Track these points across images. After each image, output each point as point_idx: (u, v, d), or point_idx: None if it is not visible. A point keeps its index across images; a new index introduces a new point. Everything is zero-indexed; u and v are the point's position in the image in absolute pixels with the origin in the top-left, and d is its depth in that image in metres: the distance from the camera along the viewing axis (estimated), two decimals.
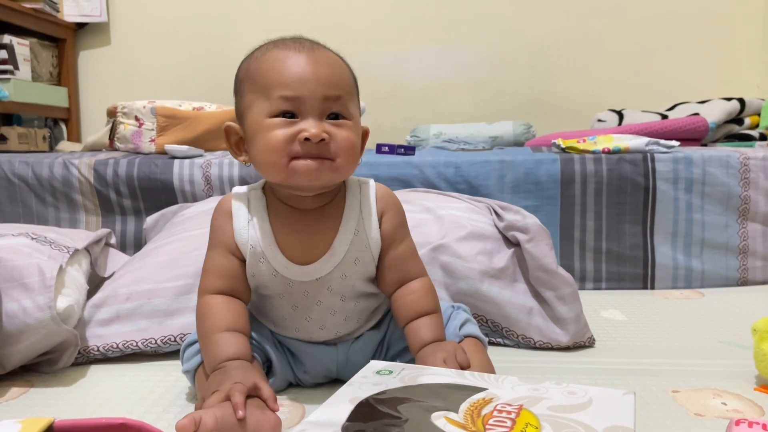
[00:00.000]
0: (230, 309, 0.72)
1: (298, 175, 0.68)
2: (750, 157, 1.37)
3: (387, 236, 0.77)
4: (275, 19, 2.48)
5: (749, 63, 2.36)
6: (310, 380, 0.80)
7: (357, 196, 0.77)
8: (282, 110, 0.68)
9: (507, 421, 0.51)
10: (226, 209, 0.75)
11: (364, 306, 0.79)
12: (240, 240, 0.74)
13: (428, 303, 0.76)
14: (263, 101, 0.69)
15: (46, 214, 1.49)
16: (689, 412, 0.72)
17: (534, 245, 0.99)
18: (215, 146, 1.70)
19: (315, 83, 0.68)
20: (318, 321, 0.77)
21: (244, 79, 0.73)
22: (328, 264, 0.74)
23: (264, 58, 0.71)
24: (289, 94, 0.67)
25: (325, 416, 0.53)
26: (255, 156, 0.71)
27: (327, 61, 0.70)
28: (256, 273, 0.74)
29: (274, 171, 0.69)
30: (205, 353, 0.71)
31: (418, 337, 0.74)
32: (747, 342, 0.85)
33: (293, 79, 0.68)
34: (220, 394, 0.62)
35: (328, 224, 0.74)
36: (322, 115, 0.69)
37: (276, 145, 0.67)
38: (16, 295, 0.81)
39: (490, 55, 2.44)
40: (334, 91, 0.69)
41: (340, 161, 0.69)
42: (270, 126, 0.68)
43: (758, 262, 1.37)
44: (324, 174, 0.68)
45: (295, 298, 0.75)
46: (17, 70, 2.14)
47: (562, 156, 1.39)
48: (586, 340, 0.97)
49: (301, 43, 0.71)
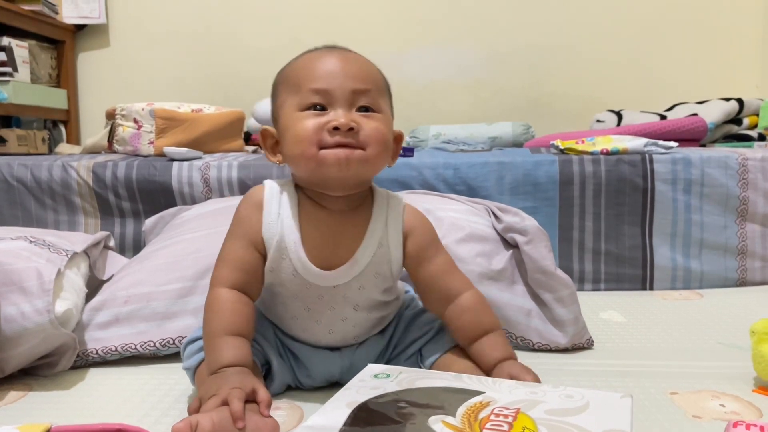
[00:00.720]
0: (238, 311, 0.71)
1: (327, 165, 0.68)
2: (748, 158, 1.37)
3: (412, 257, 0.77)
4: (275, 21, 2.48)
5: (748, 63, 2.36)
6: (311, 384, 0.80)
7: (384, 209, 0.77)
8: (312, 103, 0.70)
9: (504, 424, 0.51)
10: (256, 200, 0.75)
11: (376, 316, 0.79)
12: (268, 233, 0.73)
13: (486, 321, 0.76)
14: (294, 96, 0.71)
15: (45, 217, 1.49)
16: (687, 414, 0.72)
17: (532, 247, 0.99)
18: (214, 148, 1.70)
19: (343, 77, 0.70)
20: (327, 325, 0.77)
21: (279, 82, 0.75)
22: (348, 273, 0.74)
23: (297, 62, 0.74)
24: (319, 86, 0.69)
25: (322, 420, 0.53)
26: (286, 150, 0.72)
27: (356, 59, 0.73)
28: (275, 269, 0.74)
29: (303, 161, 0.70)
30: (207, 353, 0.70)
31: (488, 357, 0.73)
32: (745, 343, 0.85)
33: (322, 74, 0.70)
34: (218, 398, 0.62)
35: (353, 232, 0.74)
36: (351, 107, 0.70)
37: (305, 134, 0.68)
38: (15, 299, 0.81)
39: (489, 56, 2.45)
40: (362, 85, 0.70)
41: (370, 151, 0.69)
42: (300, 117, 0.70)
43: (757, 263, 1.37)
44: (353, 163, 0.68)
45: (309, 300, 0.75)
46: (16, 72, 2.14)
47: (561, 157, 1.39)
48: (585, 342, 0.97)
49: (333, 47, 0.74)
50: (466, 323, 0.76)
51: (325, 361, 0.78)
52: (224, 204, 1.24)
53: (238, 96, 2.34)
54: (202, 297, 0.95)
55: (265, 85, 2.64)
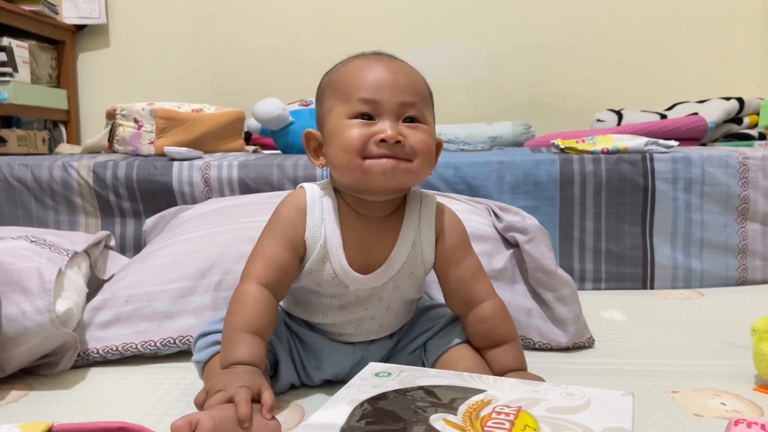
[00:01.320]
0: (263, 310, 0.71)
1: (372, 175, 0.69)
2: (749, 157, 1.37)
3: (443, 256, 0.78)
4: (275, 21, 2.48)
5: (748, 62, 2.36)
6: (320, 377, 0.80)
7: (417, 209, 0.78)
8: (360, 112, 0.70)
9: (505, 422, 0.51)
10: (299, 204, 0.75)
11: (402, 314, 0.81)
12: (311, 237, 0.74)
13: (504, 331, 0.77)
14: (343, 104, 0.71)
15: (46, 217, 1.49)
16: (688, 413, 0.72)
17: (533, 246, 0.99)
18: (214, 148, 1.70)
19: (392, 89, 0.70)
20: (356, 322, 0.78)
21: (326, 87, 0.75)
22: (384, 275, 0.75)
23: (345, 68, 0.74)
24: (368, 96, 0.70)
25: (324, 419, 0.53)
26: (331, 156, 0.72)
27: (404, 70, 0.73)
28: (315, 271, 0.75)
29: (348, 170, 0.70)
30: (223, 344, 0.71)
31: (498, 366, 0.76)
32: (746, 342, 0.85)
33: (371, 84, 0.71)
34: (225, 394, 0.62)
35: (387, 234, 0.76)
36: (398, 118, 0.71)
37: (352, 143, 0.69)
38: (16, 298, 0.81)
39: (489, 56, 2.44)
40: (409, 98, 0.71)
41: (416, 162, 0.70)
42: (348, 126, 0.70)
43: (757, 262, 1.37)
44: (398, 175, 0.70)
45: (345, 299, 0.76)
46: (16, 72, 2.14)
47: (561, 156, 1.39)
48: (586, 341, 0.97)
49: (380, 55, 0.74)
50: (484, 330, 0.77)
51: (339, 355, 0.79)
52: (225, 204, 1.24)
53: (239, 96, 2.34)
54: (203, 297, 0.96)
55: (265, 85, 2.66)
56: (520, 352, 0.78)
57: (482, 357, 0.77)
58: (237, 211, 1.16)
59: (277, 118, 1.66)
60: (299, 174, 1.41)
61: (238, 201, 1.25)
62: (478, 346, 0.78)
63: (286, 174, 1.41)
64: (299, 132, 1.69)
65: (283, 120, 1.67)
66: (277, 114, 1.65)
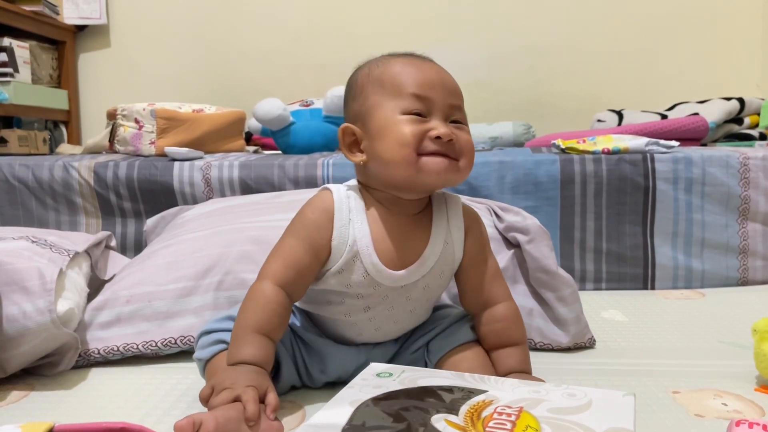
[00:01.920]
0: (276, 312, 0.71)
1: (426, 172, 0.70)
2: (750, 157, 1.37)
3: (469, 255, 0.79)
4: (276, 22, 2.48)
5: (749, 62, 2.36)
6: (324, 379, 0.80)
7: (443, 209, 0.78)
8: (413, 108, 0.71)
9: (507, 423, 0.51)
10: (326, 207, 0.75)
11: (419, 320, 0.81)
12: (339, 240, 0.73)
13: (516, 334, 0.78)
14: (394, 99, 0.72)
15: (47, 217, 1.49)
16: (689, 413, 0.72)
17: (534, 246, 0.99)
18: (215, 148, 1.70)
19: (443, 89, 0.73)
20: (377, 323, 0.77)
21: (367, 83, 0.75)
22: (418, 272, 0.75)
23: (390, 65, 0.74)
24: (422, 93, 0.71)
25: (325, 419, 0.53)
26: (381, 152, 0.71)
27: (447, 73, 0.76)
28: (345, 270, 0.74)
29: (403, 165, 0.70)
30: (232, 341, 0.71)
31: (505, 366, 0.76)
32: (747, 342, 0.85)
33: (425, 81, 0.72)
34: (232, 393, 0.62)
35: (419, 231, 0.76)
36: (447, 119, 0.73)
37: (408, 139, 0.69)
38: (17, 298, 0.81)
39: (490, 56, 2.44)
40: (456, 100, 0.74)
41: (464, 162, 0.72)
42: (401, 121, 0.70)
43: (758, 262, 1.37)
44: (450, 173, 0.71)
45: (373, 300, 0.75)
46: (17, 72, 2.15)
47: (562, 157, 1.39)
48: (587, 341, 0.97)
49: (420, 57, 0.76)
50: (497, 330, 0.78)
51: (344, 357, 0.79)
52: (225, 204, 1.24)
53: (239, 96, 2.34)
54: (204, 297, 0.96)
55: (266, 85, 2.65)
56: (526, 356, 0.78)
57: (488, 357, 0.78)
58: (238, 211, 1.16)
59: (278, 118, 1.66)
60: (300, 174, 1.41)
61: (238, 201, 1.25)
62: (487, 346, 0.78)
63: (287, 174, 1.41)
64: (300, 132, 1.70)
65: (283, 120, 1.67)
66: (278, 114, 1.65)
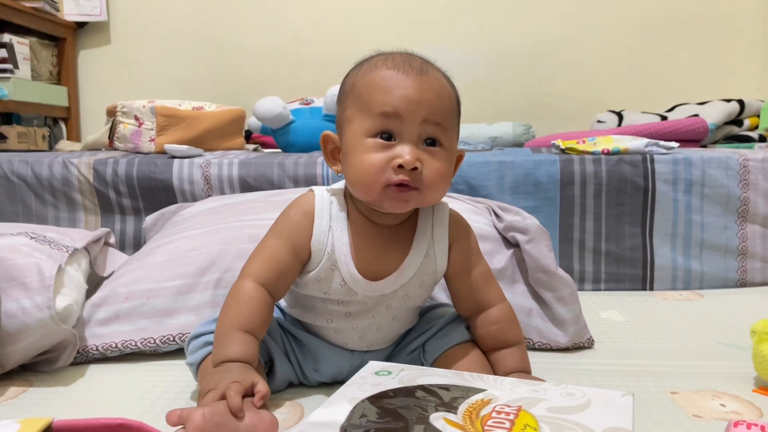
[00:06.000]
0: (258, 309, 0.71)
1: (388, 204, 0.69)
2: (749, 159, 1.37)
3: (455, 264, 0.78)
4: (276, 19, 2.48)
5: (749, 64, 2.36)
6: (318, 379, 0.80)
7: (429, 218, 0.77)
8: (380, 129, 0.68)
9: (506, 422, 0.51)
10: (308, 209, 0.75)
11: (406, 326, 0.81)
12: (317, 244, 0.73)
13: (512, 335, 0.78)
14: (363, 117, 0.69)
15: (46, 214, 1.49)
16: (688, 414, 0.72)
17: (533, 246, 0.99)
18: (215, 146, 1.70)
19: (417, 106, 0.68)
20: (361, 331, 0.78)
21: (349, 92, 0.72)
22: (395, 283, 0.75)
23: (371, 75, 0.70)
24: (390, 110, 0.67)
25: (324, 417, 0.53)
26: (349, 172, 0.71)
27: (432, 85, 0.70)
28: (323, 278, 0.74)
29: (364, 192, 0.70)
30: (215, 342, 0.71)
31: (505, 366, 0.76)
32: (746, 343, 0.85)
33: (396, 99, 0.68)
34: (217, 392, 0.62)
35: (400, 242, 0.75)
36: (419, 139, 0.69)
37: (371, 170, 0.68)
38: (15, 294, 0.81)
39: (490, 56, 2.44)
40: (434, 117, 0.69)
41: (428, 194, 0.69)
42: (367, 147, 0.68)
43: (757, 264, 1.37)
44: (411, 203, 0.70)
45: (353, 307, 0.76)
46: (17, 69, 2.14)
47: (562, 157, 1.39)
48: (585, 341, 0.97)
49: (410, 64, 0.70)
50: (493, 332, 0.78)
51: (337, 359, 0.79)
52: (225, 201, 1.24)
53: (239, 94, 2.34)
54: (203, 294, 0.96)
55: (265, 84, 2.65)
56: (525, 355, 0.78)
57: (487, 359, 0.78)
58: (237, 209, 1.16)
59: (278, 116, 1.66)
60: (299, 172, 1.40)
61: (238, 199, 1.25)
62: (485, 349, 0.78)
63: (287, 172, 1.41)
64: (299, 131, 1.69)
65: (283, 118, 1.67)
66: (278, 112, 1.65)
